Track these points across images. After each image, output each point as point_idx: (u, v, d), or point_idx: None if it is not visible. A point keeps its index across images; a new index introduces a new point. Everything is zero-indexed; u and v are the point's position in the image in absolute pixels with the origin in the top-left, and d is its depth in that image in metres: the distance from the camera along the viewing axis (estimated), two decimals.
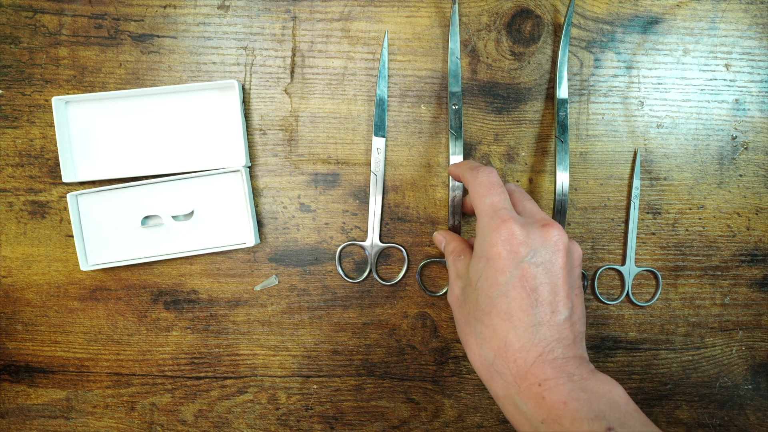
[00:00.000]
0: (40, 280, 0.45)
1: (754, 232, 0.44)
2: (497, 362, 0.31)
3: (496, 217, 0.32)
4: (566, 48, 0.41)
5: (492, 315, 0.32)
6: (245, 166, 0.43)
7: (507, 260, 0.31)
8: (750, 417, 0.45)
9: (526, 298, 0.31)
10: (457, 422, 0.45)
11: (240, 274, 0.45)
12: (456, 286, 0.36)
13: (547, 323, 0.31)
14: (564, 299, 0.31)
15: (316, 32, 0.43)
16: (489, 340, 0.32)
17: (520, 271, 0.31)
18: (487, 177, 0.34)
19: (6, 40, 0.43)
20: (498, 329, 0.31)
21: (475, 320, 0.33)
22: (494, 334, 0.31)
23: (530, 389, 0.30)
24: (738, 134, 0.43)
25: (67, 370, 0.46)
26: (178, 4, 0.43)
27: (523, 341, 0.31)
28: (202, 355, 0.45)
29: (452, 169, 0.39)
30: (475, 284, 0.33)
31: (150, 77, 0.43)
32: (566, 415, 0.28)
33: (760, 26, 0.43)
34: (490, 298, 0.32)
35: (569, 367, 0.30)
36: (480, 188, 0.34)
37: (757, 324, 0.45)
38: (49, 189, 0.44)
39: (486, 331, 0.32)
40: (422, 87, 0.43)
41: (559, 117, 0.41)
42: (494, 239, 0.32)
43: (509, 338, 0.31)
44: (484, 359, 0.32)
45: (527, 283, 0.31)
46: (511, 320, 0.31)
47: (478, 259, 0.33)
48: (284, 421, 0.46)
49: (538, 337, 0.30)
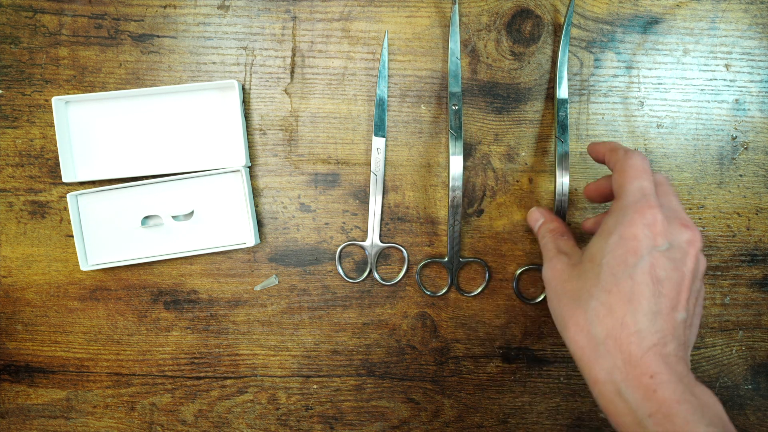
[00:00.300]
0: (40, 280, 0.45)
1: (754, 232, 0.44)
2: (608, 342, 0.30)
3: (643, 200, 0.31)
4: (566, 48, 0.41)
5: (612, 293, 0.31)
6: (245, 166, 0.43)
7: (642, 244, 0.31)
8: (750, 417, 0.45)
9: (651, 285, 0.30)
10: (457, 422, 0.45)
11: (240, 274, 0.45)
12: (558, 262, 0.35)
13: (665, 315, 0.30)
14: (684, 301, 0.31)
15: (316, 32, 0.43)
16: (603, 318, 0.31)
17: (651, 259, 0.30)
18: (642, 161, 0.33)
19: (6, 40, 0.43)
20: (616, 309, 0.30)
21: (588, 296, 0.32)
22: (610, 312, 0.31)
23: (640, 379, 0.29)
24: (738, 134, 0.43)
25: (67, 370, 0.46)
26: (178, 4, 0.43)
27: (640, 326, 0.30)
28: (202, 355, 0.45)
29: (597, 147, 0.37)
30: (599, 260, 0.32)
31: (150, 77, 0.43)
32: (679, 414, 0.28)
33: (760, 26, 0.43)
34: (614, 277, 0.31)
35: (679, 368, 0.29)
36: (632, 170, 0.33)
37: (757, 324, 0.45)
38: (49, 189, 0.44)
39: (601, 308, 0.31)
40: (422, 87, 0.43)
41: (559, 117, 0.41)
42: (635, 220, 0.31)
43: (626, 320, 0.30)
44: (593, 337, 0.31)
45: (655, 272, 0.30)
46: (632, 303, 0.30)
47: (608, 235, 0.32)
48: (284, 421, 0.46)
49: (656, 326, 0.30)
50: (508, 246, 0.44)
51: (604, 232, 0.33)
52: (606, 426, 0.45)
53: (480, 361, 0.45)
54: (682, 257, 0.31)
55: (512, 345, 0.45)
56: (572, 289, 0.33)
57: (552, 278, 0.36)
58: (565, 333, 0.33)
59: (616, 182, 0.34)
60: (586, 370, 0.32)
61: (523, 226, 0.44)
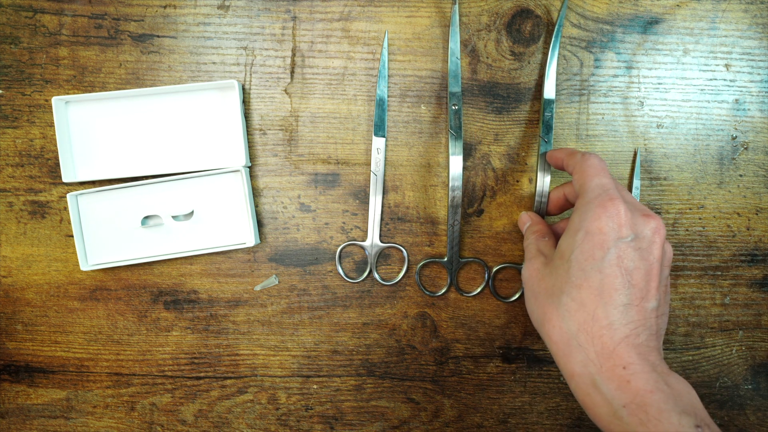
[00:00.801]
0: (40, 280, 0.45)
1: (754, 232, 0.44)
2: (581, 336, 0.31)
3: (605, 194, 0.32)
4: (555, 49, 0.41)
5: (582, 288, 0.31)
6: (245, 166, 0.43)
7: (608, 236, 0.31)
8: (750, 417, 0.45)
9: (620, 277, 0.31)
10: (457, 422, 0.45)
11: (240, 274, 0.45)
12: (536, 261, 0.36)
13: (636, 306, 0.31)
14: (654, 290, 0.31)
15: (316, 32, 0.43)
16: (574, 313, 0.31)
17: (618, 251, 0.31)
18: (599, 161, 0.35)
19: (6, 40, 0.43)
20: (587, 303, 0.31)
21: (560, 292, 0.33)
22: (582, 306, 0.31)
23: (613, 370, 0.30)
24: (738, 134, 0.43)
25: (67, 370, 0.46)
26: (178, 4, 0.43)
27: (611, 319, 0.30)
28: (202, 355, 0.45)
29: (555, 153, 0.39)
30: (567, 257, 0.33)
31: (150, 77, 0.43)
32: (653, 404, 0.28)
33: (760, 26, 0.43)
34: (583, 272, 0.31)
35: (652, 357, 0.30)
36: (591, 169, 0.34)
37: (757, 324, 0.45)
38: (49, 189, 0.44)
39: (572, 303, 0.32)
40: (422, 87, 0.43)
41: (544, 117, 0.41)
42: (599, 214, 0.32)
43: (597, 313, 0.31)
44: (566, 332, 0.32)
45: (623, 263, 0.31)
46: (602, 296, 0.31)
47: (575, 232, 0.33)
48: (284, 421, 0.46)
49: (627, 317, 0.30)
50: (508, 246, 0.44)
51: (571, 229, 0.33)
52: None
53: (480, 361, 0.45)
54: (648, 246, 0.32)
55: (512, 345, 0.45)
56: (546, 286, 0.34)
57: (529, 277, 0.36)
58: (541, 330, 0.34)
59: (576, 183, 0.35)
60: (562, 364, 0.32)
61: None
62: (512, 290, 0.45)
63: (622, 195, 0.33)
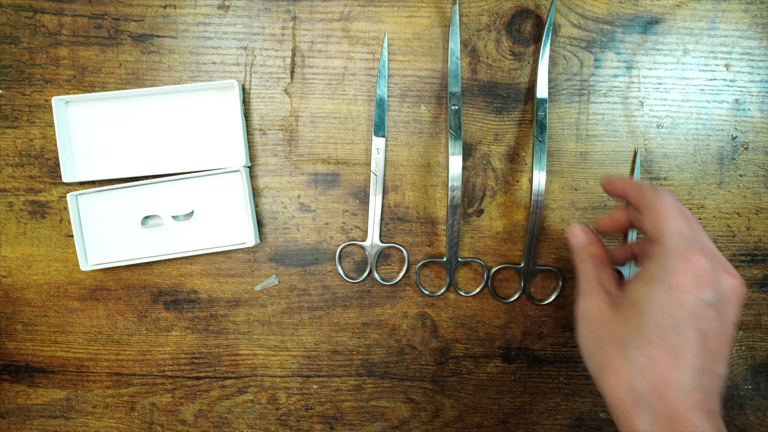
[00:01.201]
0: (40, 280, 0.45)
1: (754, 232, 0.44)
2: (651, 397, 0.30)
3: (686, 245, 0.30)
4: (546, 47, 0.41)
5: (656, 346, 0.30)
6: (245, 166, 0.43)
7: (690, 295, 0.30)
8: (750, 417, 0.45)
9: (698, 340, 0.29)
10: (457, 422, 0.45)
11: (240, 274, 0.45)
12: (599, 300, 0.34)
13: (710, 371, 0.30)
14: (726, 354, 0.31)
15: (316, 32, 0.43)
16: (646, 371, 0.30)
17: (698, 311, 0.30)
18: (674, 200, 0.32)
19: (6, 40, 0.43)
20: (660, 363, 0.30)
21: (630, 345, 0.31)
22: (654, 366, 0.30)
23: None
24: (738, 134, 0.43)
25: (67, 370, 0.46)
26: (178, 4, 0.43)
27: (686, 384, 0.29)
28: (202, 355, 0.45)
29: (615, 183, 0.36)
30: (642, 309, 0.31)
31: (150, 77, 0.43)
32: None
33: (760, 26, 0.43)
34: (660, 329, 0.30)
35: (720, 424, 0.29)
36: (667, 210, 0.32)
37: (757, 324, 0.45)
38: (49, 189, 0.44)
39: (644, 360, 0.30)
40: (422, 87, 0.43)
41: (537, 116, 0.41)
42: (681, 268, 0.30)
43: (672, 376, 0.29)
44: (633, 388, 0.30)
45: (703, 325, 0.30)
46: (678, 359, 0.29)
47: (652, 282, 0.31)
48: (284, 421, 0.46)
49: (700, 382, 0.29)
50: (508, 246, 0.44)
51: (648, 279, 0.31)
52: (606, 426, 0.45)
53: (480, 361, 0.45)
54: (728, 307, 0.31)
55: (512, 345, 0.45)
56: (613, 333, 0.32)
57: (591, 316, 0.34)
58: (600, 378, 0.32)
59: (649, 223, 0.32)
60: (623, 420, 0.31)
61: (522, 226, 0.44)
62: (511, 290, 0.45)
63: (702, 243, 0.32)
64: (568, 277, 0.44)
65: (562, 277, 0.44)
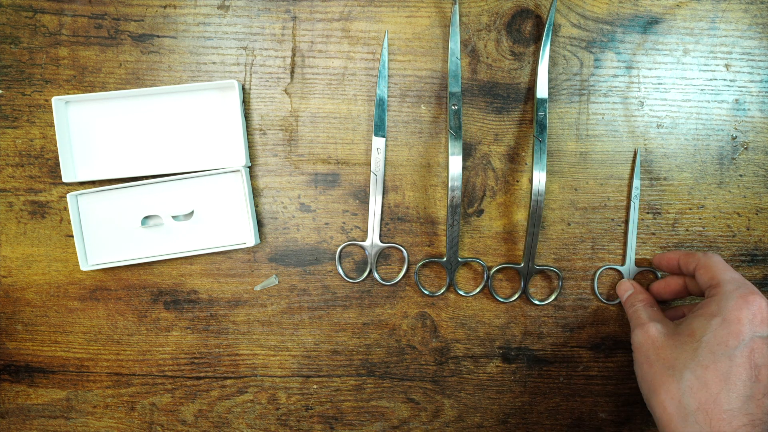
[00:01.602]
0: (40, 280, 0.45)
1: (754, 232, 0.44)
2: (699, 415, 0.32)
3: (744, 288, 0.35)
4: (546, 48, 0.41)
5: (708, 369, 0.33)
6: (245, 166, 0.43)
7: (745, 328, 0.33)
8: None
9: (748, 369, 0.32)
10: (457, 422, 0.45)
11: (240, 274, 0.45)
12: (652, 329, 0.37)
13: (757, 400, 0.32)
14: None
15: (316, 32, 0.43)
16: (696, 391, 0.33)
17: (752, 344, 0.33)
18: (719, 258, 0.38)
19: (6, 40, 0.43)
20: (710, 385, 0.32)
21: (683, 367, 0.34)
22: (705, 387, 0.33)
23: None
24: (738, 134, 0.43)
25: (67, 370, 0.46)
26: (178, 4, 0.43)
27: (733, 406, 0.32)
28: (202, 355, 0.45)
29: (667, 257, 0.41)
30: (698, 337, 0.34)
31: (150, 77, 0.43)
32: None
33: (760, 26, 0.43)
34: (713, 354, 0.33)
35: None
36: (720, 264, 0.37)
37: None
38: (49, 189, 0.44)
39: (696, 381, 0.33)
40: (422, 87, 0.43)
41: (537, 116, 0.41)
42: (740, 305, 0.34)
43: (720, 397, 0.32)
44: (684, 407, 0.33)
45: (754, 357, 0.33)
46: (727, 382, 0.32)
47: (711, 317, 0.34)
48: (284, 421, 0.46)
49: (747, 409, 0.32)
50: (508, 246, 0.44)
51: (706, 314, 0.35)
52: (606, 426, 0.45)
53: (480, 361, 0.45)
54: None
55: (512, 345, 0.45)
56: (666, 357, 0.35)
57: (645, 342, 0.37)
58: (652, 396, 0.35)
59: (704, 278, 0.37)
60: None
61: (522, 226, 0.44)
62: (511, 290, 0.45)
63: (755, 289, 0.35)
64: (567, 277, 0.44)
65: (562, 277, 0.44)
